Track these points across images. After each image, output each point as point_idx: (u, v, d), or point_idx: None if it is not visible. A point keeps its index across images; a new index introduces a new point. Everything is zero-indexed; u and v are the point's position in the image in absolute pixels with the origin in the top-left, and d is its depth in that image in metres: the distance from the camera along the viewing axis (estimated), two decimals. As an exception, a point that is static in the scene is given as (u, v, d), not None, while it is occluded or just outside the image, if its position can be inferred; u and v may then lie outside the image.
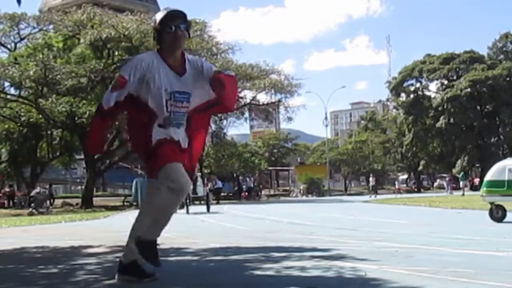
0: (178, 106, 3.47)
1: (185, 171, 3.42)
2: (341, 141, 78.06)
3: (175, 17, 3.46)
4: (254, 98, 31.41)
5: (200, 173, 25.71)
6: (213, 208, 18.81)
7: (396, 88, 58.10)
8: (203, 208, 18.01)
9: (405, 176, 64.36)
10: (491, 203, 9.14)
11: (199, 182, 22.02)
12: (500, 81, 51.16)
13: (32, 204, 21.95)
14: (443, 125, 52.44)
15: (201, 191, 21.87)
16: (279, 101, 32.30)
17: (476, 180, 58.95)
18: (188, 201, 16.46)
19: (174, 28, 3.43)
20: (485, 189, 9.44)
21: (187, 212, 15.90)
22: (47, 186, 29.86)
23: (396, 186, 47.07)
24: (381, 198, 28.91)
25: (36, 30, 28.87)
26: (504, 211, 9.01)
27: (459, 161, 52.89)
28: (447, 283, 3.31)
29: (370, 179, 40.43)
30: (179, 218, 12.87)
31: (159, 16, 3.51)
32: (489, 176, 9.59)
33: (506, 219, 8.76)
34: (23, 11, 27.81)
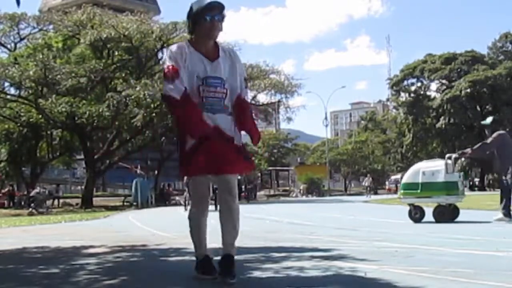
0: (211, 91, 3.45)
1: (228, 160, 3.40)
2: (341, 141, 78.09)
3: (213, 8, 3.45)
4: (254, 98, 31.40)
5: None
6: (212, 208, 18.89)
7: (397, 85, 58.05)
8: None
9: (398, 176, 64.40)
10: (410, 204, 9.42)
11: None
12: (500, 81, 51.16)
13: (32, 204, 21.95)
14: (443, 125, 52.44)
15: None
16: (279, 101, 32.30)
17: (476, 180, 59.04)
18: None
19: (211, 18, 3.43)
20: (402, 191, 9.72)
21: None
22: (48, 186, 29.87)
23: (387, 186, 46.96)
24: (380, 198, 28.88)
25: (36, 30, 28.89)
26: (422, 211, 9.28)
27: (459, 161, 52.88)
28: (447, 283, 3.31)
29: (365, 178, 39.75)
30: (179, 218, 12.86)
31: (196, 5, 3.47)
32: (405, 179, 9.89)
33: (506, 220, 8.75)
34: (23, 11, 27.89)
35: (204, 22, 3.44)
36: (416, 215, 9.27)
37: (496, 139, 9.13)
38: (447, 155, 9.69)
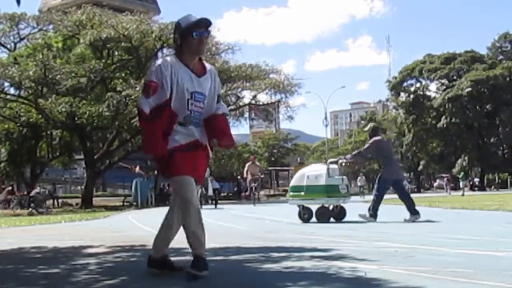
0: (197, 105, 3.68)
1: (200, 172, 3.75)
2: (341, 141, 78.12)
3: (201, 25, 3.63)
4: (254, 98, 31.40)
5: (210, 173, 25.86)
6: (212, 208, 18.93)
7: (396, 87, 58.10)
8: (206, 207, 18.05)
9: None
10: (299, 206, 10.12)
11: (210, 182, 22.66)
12: (500, 81, 51.17)
13: (32, 204, 21.94)
14: (444, 125, 52.44)
15: (210, 191, 22.70)
16: (279, 101, 32.28)
17: (476, 180, 59.06)
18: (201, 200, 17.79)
19: (199, 34, 3.61)
20: (290, 193, 10.57)
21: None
22: (48, 186, 29.87)
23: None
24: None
25: (36, 30, 28.87)
26: (310, 212, 9.94)
27: (459, 161, 52.88)
28: (447, 283, 3.31)
29: (358, 178, 38.28)
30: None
31: (184, 21, 3.65)
32: (292, 182, 10.73)
33: (506, 220, 8.76)
34: (23, 11, 27.87)
35: (192, 39, 3.60)
36: (305, 215, 9.94)
37: (371, 145, 9.80)
38: (329, 160, 10.65)
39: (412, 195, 11.22)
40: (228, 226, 9.82)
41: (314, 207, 9.93)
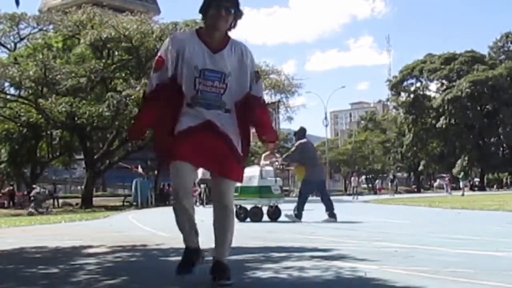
0: (207, 85, 3.28)
1: (218, 156, 3.24)
2: (341, 141, 78.11)
3: None
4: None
5: None
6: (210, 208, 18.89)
7: (396, 86, 58.11)
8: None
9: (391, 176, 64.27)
10: (236, 205, 10.37)
11: None
12: (500, 81, 51.18)
13: (32, 204, 21.94)
14: (444, 126, 52.45)
15: None
16: (279, 101, 32.31)
17: (476, 180, 59.05)
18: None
19: (217, 6, 3.25)
20: (243, 195, 10.90)
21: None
22: (48, 186, 29.86)
23: (377, 187, 46.49)
24: (380, 198, 28.87)
25: (36, 30, 28.91)
26: (246, 211, 10.51)
27: (459, 161, 52.90)
28: (447, 283, 3.31)
29: (352, 178, 37.04)
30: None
31: None
32: (244, 182, 10.68)
33: (506, 220, 8.76)
34: (23, 11, 27.87)
35: (211, 9, 3.27)
36: (241, 215, 10.45)
37: (296, 148, 10.31)
38: (262, 163, 11.21)
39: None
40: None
41: (249, 207, 10.46)
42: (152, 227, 9.48)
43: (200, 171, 13.76)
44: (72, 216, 16.85)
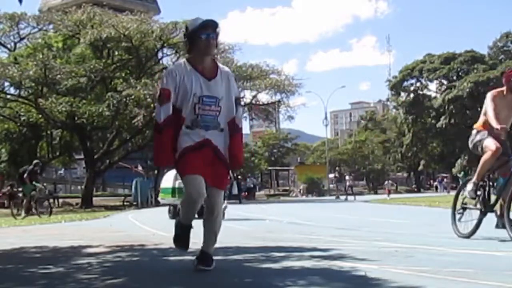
0: (206, 109, 3.74)
1: (220, 174, 3.80)
2: (341, 141, 78.13)
3: (207, 26, 3.73)
4: (254, 98, 31.40)
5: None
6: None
7: (396, 86, 58.08)
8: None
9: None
10: (169, 205, 12.29)
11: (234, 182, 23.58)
12: (501, 81, 51.15)
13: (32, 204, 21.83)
14: (444, 126, 52.42)
15: (235, 190, 24.85)
16: (279, 101, 32.31)
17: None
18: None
19: (206, 36, 3.70)
20: (161, 194, 12.79)
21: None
22: (48, 186, 29.81)
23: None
24: (380, 198, 28.88)
25: (36, 30, 28.89)
26: (178, 210, 11.27)
27: (459, 161, 52.88)
28: (447, 283, 3.31)
29: (347, 177, 35.45)
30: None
31: (191, 25, 3.80)
32: (162, 184, 12.93)
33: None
34: (23, 11, 27.86)
35: (199, 41, 3.71)
36: (169, 213, 12.11)
37: None
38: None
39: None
40: (227, 226, 9.81)
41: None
42: (152, 227, 9.48)
43: None
44: (72, 216, 16.85)
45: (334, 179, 34.36)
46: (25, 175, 16.74)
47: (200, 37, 3.70)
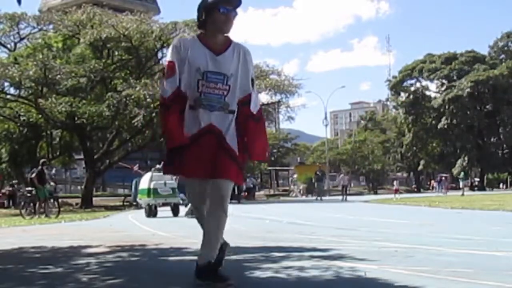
0: (210, 87, 3.30)
1: (220, 164, 3.26)
2: (341, 141, 78.12)
3: (230, 1, 3.33)
4: (254, 98, 31.35)
5: None
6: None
7: (396, 86, 58.09)
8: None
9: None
10: (148, 205, 13.63)
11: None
12: (501, 81, 51.12)
13: (33, 204, 21.81)
14: (445, 126, 52.42)
15: (235, 190, 24.33)
16: (279, 101, 32.30)
17: (476, 180, 59.04)
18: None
19: (226, 11, 3.30)
20: (139, 195, 14.23)
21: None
22: (48, 186, 29.79)
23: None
24: (380, 198, 28.85)
25: (36, 30, 28.86)
26: (156, 209, 13.65)
27: (459, 161, 52.89)
28: (447, 283, 3.31)
29: (342, 176, 34.73)
30: (179, 218, 12.87)
31: None
32: (140, 185, 14.39)
33: (506, 220, 8.76)
34: (23, 11, 27.84)
35: (218, 14, 3.29)
36: (152, 213, 13.42)
37: None
38: (153, 168, 14.29)
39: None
40: (227, 226, 9.80)
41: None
42: (152, 227, 9.47)
43: None
44: (72, 216, 16.86)
45: (314, 177, 32.28)
46: (33, 175, 16.88)
47: (219, 10, 3.27)
